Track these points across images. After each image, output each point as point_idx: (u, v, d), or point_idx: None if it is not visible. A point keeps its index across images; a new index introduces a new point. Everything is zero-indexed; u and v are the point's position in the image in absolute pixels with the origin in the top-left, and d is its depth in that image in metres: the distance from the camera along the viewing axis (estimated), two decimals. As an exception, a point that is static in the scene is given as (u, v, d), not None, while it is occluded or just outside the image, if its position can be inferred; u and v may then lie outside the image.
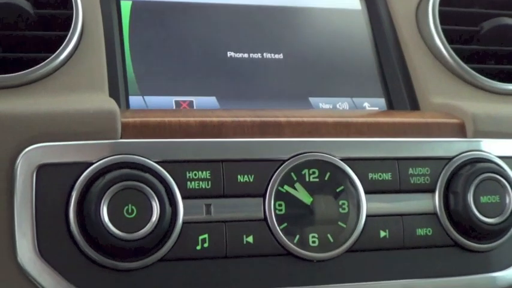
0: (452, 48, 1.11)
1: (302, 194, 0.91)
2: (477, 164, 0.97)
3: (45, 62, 0.94)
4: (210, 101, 1.03)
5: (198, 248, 0.87)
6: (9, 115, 0.86)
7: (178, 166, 0.87)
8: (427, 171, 0.96)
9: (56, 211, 0.84)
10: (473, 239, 0.97)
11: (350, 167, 0.93)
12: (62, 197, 0.84)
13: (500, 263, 0.99)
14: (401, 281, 0.94)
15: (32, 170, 0.84)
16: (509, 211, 0.97)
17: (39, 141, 0.85)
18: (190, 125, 0.90)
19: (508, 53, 1.15)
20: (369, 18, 1.17)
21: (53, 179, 0.85)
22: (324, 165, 0.92)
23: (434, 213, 0.96)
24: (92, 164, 0.85)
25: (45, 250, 0.84)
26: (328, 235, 0.91)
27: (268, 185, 0.90)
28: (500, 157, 0.99)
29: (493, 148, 1.00)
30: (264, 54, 1.08)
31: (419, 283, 0.95)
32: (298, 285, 0.90)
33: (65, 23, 0.99)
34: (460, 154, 0.98)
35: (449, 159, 0.97)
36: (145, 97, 1.01)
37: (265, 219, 0.89)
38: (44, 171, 0.84)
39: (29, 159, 0.84)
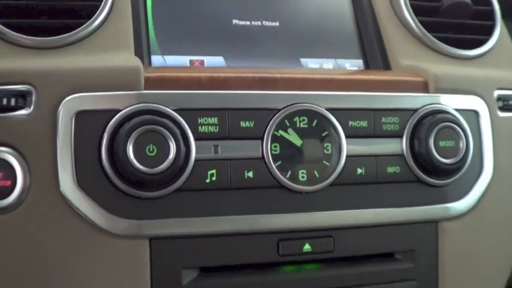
0: (418, 20, 1.10)
1: (293, 138, 0.90)
2: (437, 115, 0.96)
3: (82, 26, 0.92)
4: (218, 60, 1.02)
5: (207, 181, 0.87)
6: (53, 70, 0.85)
7: (191, 113, 0.87)
8: (397, 120, 0.95)
9: (91, 150, 0.84)
10: (433, 176, 0.96)
11: (333, 116, 0.92)
12: (95, 138, 0.84)
13: (454, 195, 0.99)
14: (374, 209, 0.94)
15: (71, 115, 0.83)
16: (463, 153, 0.96)
17: (77, 92, 0.84)
18: (201, 79, 0.89)
19: (464, 24, 1.14)
20: None
21: (88, 123, 0.84)
22: (312, 114, 0.91)
23: (402, 155, 0.95)
24: (120, 111, 0.84)
25: (82, 182, 0.83)
26: (315, 171, 0.90)
27: (265, 129, 0.89)
28: (456, 109, 0.99)
29: (450, 102, 0.99)
30: (263, 22, 1.06)
31: (388, 211, 0.95)
32: (289, 212, 0.90)
33: None
34: (423, 106, 0.97)
35: (415, 110, 0.96)
36: (164, 56, 0.99)
37: (262, 157, 0.89)
38: (81, 116, 0.84)
39: (69, 106, 0.84)
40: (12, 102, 0.83)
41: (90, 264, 0.84)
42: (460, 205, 0.99)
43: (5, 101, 0.83)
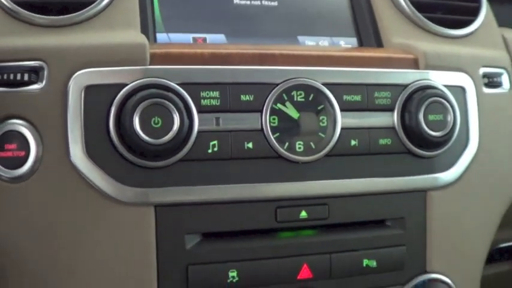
0: (409, 0, 1.07)
1: (291, 111, 0.88)
2: (426, 90, 0.94)
3: (91, 6, 0.89)
4: (220, 37, 0.99)
5: (209, 151, 0.85)
6: (63, 47, 0.83)
7: (194, 87, 0.84)
8: (389, 94, 0.93)
9: (100, 122, 0.82)
10: (422, 148, 0.94)
11: (329, 90, 0.89)
12: (104, 111, 0.82)
13: (442, 166, 0.97)
14: (366, 179, 0.92)
15: (81, 89, 0.82)
16: (450, 127, 0.94)
17: (86, 67, 0.82)
18: (204, 55, 0.87)
19: (452, 5, 1.11)
20: None
21: (97, 96, 0.82)
22: (308, 88, 0.89)
23: (393, 128, 0.93)
24: (127, 85, 0.82)
25: (91, 152, 0.82)
26: (311, 143, 0.88)
27: (264, 102, 0.87)
28: (444, 85, 0.97)
29: (439, 78, 0.97)
30: (262, 1, 1.03)
31: (379, 181, 0.93)
32: (286, 181, 0.88)
33: None
34: (413, 82, 0.95)
35: (406, 86, 0.94)
36: (169, 34, 0.97)
37: (262, 129, 0.87)
38: (90, 90, 0.82)
39: (78, 81, 0.82)
40: (26, 77, 0.81)
41: (98, 230, 0.83)
42: (447, 175, 0.97)
43: (19, 76, 0.81)
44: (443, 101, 0.94)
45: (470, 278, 1.04)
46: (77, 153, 0.81)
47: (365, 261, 0.92)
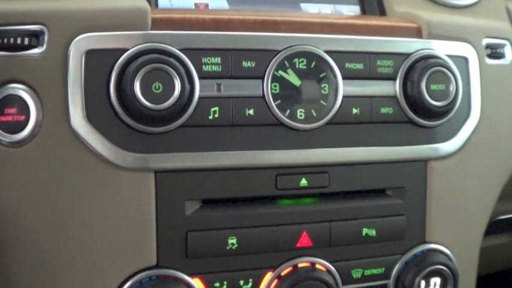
0: None
1: (293, 78, 0.87)
2: (429, 59, 0.93)
3: None
4: (222, 3, 0.98)
5: (210, 117, 0.84)
6: (64, 11, 0.82)
7: (195, 53, 0.83)
8: (391, 63, 0.92)
9: (100, 87, 0.81)
10: (423, 117, 0.94)
11: (331, 58, 0.89)
12: (104, 76, 0.81)
13: (443, 136, 0.97)
14: (367, 147, 0.92)
15: (81, 54, 0.81)
16: (452, 96, 0.93)
17: (87, 32, 0.81)
18: (205, 21, 0.86)
19: None
20: None
21: (97, 61, 0.81)
22: (310, 56, 0.88)
23: (395, 97, 0.92)
24: (128, 50, 0.81)
25: (91, 117, 0.81)
26: (312, 110, 0.88)
27: (266, 69, 0.86)
28: (447, 55, 0.96)
29: (442, 47, 0.96)
30: None
31: (380, 150, 0.92)
32: (287, 149, 0.88)
33: None
34: (416, 51, 0.94)
35: (408, 54, 0.93)
36: None
37: (263, 96, 0.86)
38: (90, 55, 0.81)
39: (79, 45, 0.81)
40: (26, 41, 0.80)
41: (98, 195, 0.82)
42: (448, 145, 0.97)
43: (19, 40, 0.80)
44: (445, 70, 0.93)
45: (469, 249, 1.04)
46: (77, 118, 0.81)
47: (364, 230, 0.92)
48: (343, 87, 0.89)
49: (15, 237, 0.83)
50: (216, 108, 0.84)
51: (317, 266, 0.91)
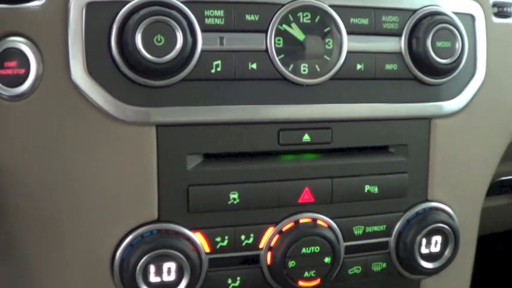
0: None
1: (296, 32, 0.86)
2: (435, 16, 0.91)
3: None
4: None
5: (213, 71, 0.83)
6: None
7: (198, 5, 0.82)
8: (396, 19, 0.91)
9: (101, 40, 0.80)
10: (428, 74, 0.92)
11: (336, 12, 0.87)
12: (105, 29, 0.80)
13: (447, 94, 0.96)
14: (370, 104, 0.91)
15: (82, 6, 0.79)
16: (458, 54, 0.92)
17: None
18: None
19: None
20: None
21: (98, 14, 0.80)
22: (315, 10, 0.86)
23: (400, 53, 0.91)
24: (129, 2, 0.80)
25: (92, 70, 0.80)
26: (316, 65, 0.87)
27: (269, 23, 0.85)
28: (454, 12, 0.94)
29: (448, 4, 0.94)
30: None
31: (384, 106, 0.92)
32: (290, 103, 0.87)
33: None
34: (422, 7, 0.92)
35: (414, 11, 0.92)
36: None
37: (266, 50, 0.85)
38: (91, 7, 0.79)
39: None
40: None
41: (99, 149, 0.82)
42: (453, 104, 0.96)
43: None
44: (452, 28, 0.92)
45: (470, 209, 1.04)
46: (78, 71, 0.80)
47: (366, 187, 0.92)
48: (348, 43, 0.88)
49: (16, 194, 0.83)
50: (219, 62, 0.83)
51: (318, 222, 0.91)
